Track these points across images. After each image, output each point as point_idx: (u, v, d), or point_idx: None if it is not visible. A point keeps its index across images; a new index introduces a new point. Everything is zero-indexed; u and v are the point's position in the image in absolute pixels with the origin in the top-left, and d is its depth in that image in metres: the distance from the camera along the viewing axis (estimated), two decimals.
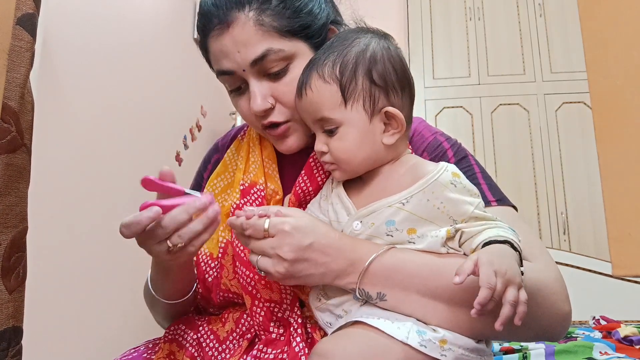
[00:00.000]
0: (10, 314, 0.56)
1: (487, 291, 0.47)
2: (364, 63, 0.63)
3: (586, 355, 1.29)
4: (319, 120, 0.65)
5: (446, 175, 0.59)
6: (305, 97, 0.65)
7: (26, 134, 0.57)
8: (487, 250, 0.53)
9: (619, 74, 0.40)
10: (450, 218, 0.59)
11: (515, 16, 3.01)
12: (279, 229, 0.57)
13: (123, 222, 0.57)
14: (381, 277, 0.58)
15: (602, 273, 2.34)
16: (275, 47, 0.68)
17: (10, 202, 0.56)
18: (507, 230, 0.57)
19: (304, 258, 0.57)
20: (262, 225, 0.58)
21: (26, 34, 0.57)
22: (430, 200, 0.58)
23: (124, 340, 1.50)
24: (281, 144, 0.74)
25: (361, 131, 0.63)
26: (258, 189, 0.75)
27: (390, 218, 0.59)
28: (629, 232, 0.39)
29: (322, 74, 0.64)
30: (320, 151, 0.66)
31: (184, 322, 0.74)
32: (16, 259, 0.57)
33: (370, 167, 0.66)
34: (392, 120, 0.64)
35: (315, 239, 0.58)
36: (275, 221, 0.58)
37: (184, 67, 2.40)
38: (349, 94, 0.63)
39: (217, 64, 0.73)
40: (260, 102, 0.69)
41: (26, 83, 0.56)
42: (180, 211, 0.58)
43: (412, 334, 0.53)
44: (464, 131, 2.91)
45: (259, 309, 0.68)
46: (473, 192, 0.60)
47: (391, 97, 0.64)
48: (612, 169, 0.40)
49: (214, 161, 0.88)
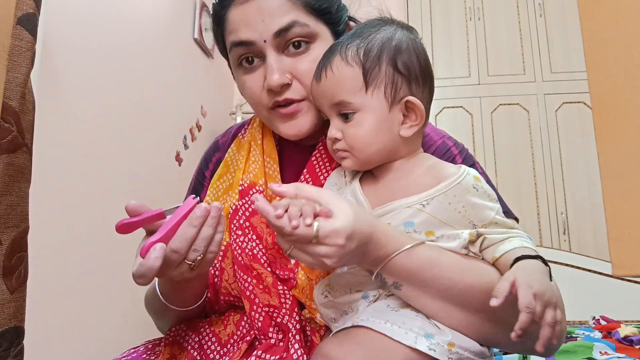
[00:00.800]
0: (11, 314, 0.56)
1: (528, 316, 0.46)
2: (389, 50, 0.62)
3: (586, 355, 1.29)
4: (336, 104, 0.62)
5: (469, 179, 0.58)
6: (325, 79, 0.63)
7: (27, 133, 0.57)
8: (521, 268, 0.51)
9: (619, 74, 0.40)
10: (470, 222, 0.58)
11: (515, 16, 3.01)
12: (333, 242, 0.50)
13: (135, 273, 0.53)
14: (404, 271, 0.56)
15: (602, 273, 2.34)
16: (301, 20, 0.67)
17: (11, 202, 0.56)
18: (527, 240, 0.57)
19: (345, 259, 0.53)
20: (311, 233, 0.50)
21: (27, 34, 0.57)
22: (451, 203, 0.57)
23: (124, 339, 1.50)
24: (289, 127, 0.71)
25: (379, 119, 0.61)
26: (257, 190, 0.73)
27: (409, 219, 0.58)
28: (629, 232, 0.39)
29: (345, 57, 0.62)
30: (333, 137, 0.63)
31: (185, 324, 0.73)
32: (17, 258, 0.57)
33: (384, 159, 0.63)
34: (412, 112, 0.62)
35: (359, 242, 0.52)
36: (327, 231, 0.50)
37: (184, 67, 2.40)
38: (371, 79, 0.61)
39: (234, 34, 0.69)
40: (278, 76, 0.67)
41: (27, 83, 0.56)
42: (186, 228, 0.55)
43: (419, 338, 0.52)
44: (464, 131, 2.91)
45: (257, 313, 0.67)
46: (493, 197, 0.59)
47: (413, 87, 0.62)
48: (612, 169, 0.40)
49: (215, 160, 0.85)
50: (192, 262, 0.56)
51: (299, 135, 0.71)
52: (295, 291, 0.69)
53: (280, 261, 0.71)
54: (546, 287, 0.48)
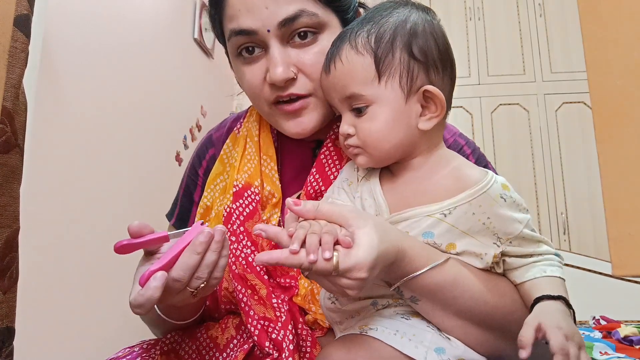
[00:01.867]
0: (3, 315, 0.56)
1: (564, 358, 0.44)
2: (403, 34, 0.55)
3: None
4: (347, 97, 0.57)
5: (496, 188, 0.52)
6: (334, 71, 0.57)
7: (20, 134, 0.57)
8: (544, 311, 0.49)
9: (619, 74, 0.40)
10: (495, 235, 0.53)
11: (515, 16, 3.01)
12: (355, 277, 0.45)
13: (133, 302, 0.50)
14: (424, 289, 0.52)
15: (602, 273, 2.34)
16: (309, 9, 0.61)
17: (3, 203, 0.56)
18: (552, 264, 0.54)
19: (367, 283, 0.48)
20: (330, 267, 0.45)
21: (21, 35, 0.56)
22: (476, 214, 0.52)
23: (117, 341, 1.50)
24: (293, 125, 0.65)
25: (395, 111, 0.55)
26: (252, 192, 0.68)
27: (429, 230, 0.53)
28: (629, 232, 0.38)
29: (354, 45, 0.56)
30: (345, 134, 0.57)
31: (181, 330, 0.69)
32: (9, 259, 0.57)
33: (401, 155, 0.57)
34: (431, 103, 0.55)
35: (382, 266, 0.48)
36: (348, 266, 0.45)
37: (184, 67, 2.40)
38: (384, 68, 0.54)
39: (234, 21, 0.62)
40: (282, 70, 0.61)
41: (20, 84, 0.56)
42: (189, 255, 0.51)
43: (430, 353, 0.50)
44: (464, 131, 2.86)
45: (253, 327, 0.63)
46: (522, 206, 0.54)
47: (431, 75, 0.55)
48: (612, 169, 0.40)
49: (209, 157, 0.78)
50: (194, 290, 0.53)
51: (303, 134, 0.65)
52: (298, 299, 0.66)
53: (281, 268, 0.68)
54: (574, 328, 0.46)
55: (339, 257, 0.45)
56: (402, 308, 0.56)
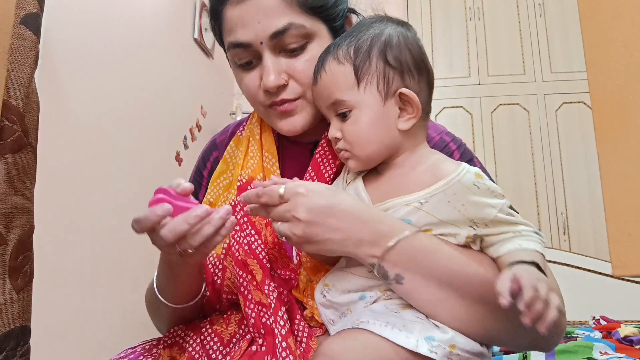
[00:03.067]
0: (17, 314, 0.56)
1: (533, 291, 0.46)
2: (379, 45, 0.62)
3: (586, 355, 1.29)
4: (332, 104, 0.63)
5: (469, 177, 0.56)
6: (320, 81, 0.64)
7: (31, 133, 0.57)
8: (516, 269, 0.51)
9: (619, 74, 0.41)
10: (471, 221, 0.57)
11: (515, 16, 3.01)
12: (294, 192, 0.56)
13: (135, 217, 0.56)
14: (406, 258, 0.56)
15: (602, 273, 2.34)
16: (297, 21, 0.66)
17: (16, 202, 0.56)
18: (529, 239, 0.56)
19: (320, 220, 0.56)
20: (277, 190, 0.57)
21: (30, 34, 0.57)
22: (451, 202, 0.56)
23: (128, 339, 1.50)
24: (285, 123, 0.71)
25: (375, 114, 0.61)
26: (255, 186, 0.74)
27: (407, 217, 0.58)
28: (629, 232, 0.39)
29: (336, 56, 0.63)
30: (334, 137, 0.64)
31: (185, 325, 0.71)
32: (23, 258, 0.57)
33: (386, 155, 0.63)
34: (408, 105, 0.62)
35: (333, 203, 0.56)
36: (290, 185, 0.57)
37: (184, 67, 2.40)
38: (362, 75, 0.61)
39: (231, 34, 0.69)
40: (274, 78, 0.67)
41: (31, 82, 0.56)
42: (180, 222, 0.55)
43: (420, 341, 0.52)
44: (464, 131, 2.91)
45: (250, 309, 0.66)
46: (497, 192, 0.57)
47: (406, 79, 0.62)
48: (612, 169, 0.40)
49: (213, 159, 0.85)
50: (182, 251, 0.57)
51: (294, 131, 0.71)
52: (297, 292, 0.69)
53: (282, 261, 0.70)
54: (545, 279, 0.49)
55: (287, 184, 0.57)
56: (391, 302, 0.59)
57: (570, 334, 1.64)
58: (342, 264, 0.64)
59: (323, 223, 0.56)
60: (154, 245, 0.59)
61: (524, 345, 0.63)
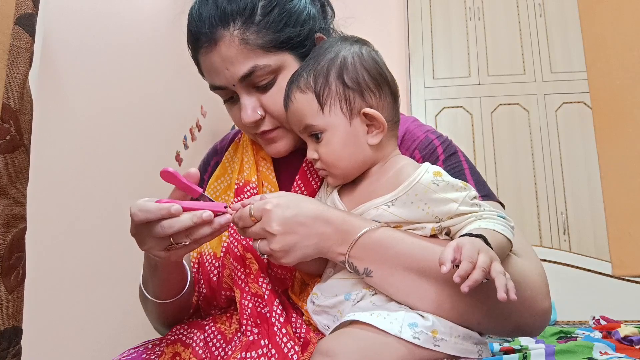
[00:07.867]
0: (10, 314, 0.56)
1: (468, 264, 0.48)
2: (335, 69, 0.66)
3: (586, 355, 1.28)
4: (304, 128, 0.68)
5: (427, 177, 0.60)
6: (289, 109, 0.69)
7: (25, 133, 0.57)
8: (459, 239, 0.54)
9: (619, 74, 0.40)
10: (435, 217, 0.60)
11: (515, 16, 3.01)
12: (262, 209, 0.60)
13: (142, 205, 0.59)
14: (370, 252, 0.60)
15: (602, 273, 2.34)
16: (261, 63, 0.70)
17: (9, 202, 0.56)
18: (491, 221, 0.58)
19: (291, 230, 0.59)
20: (247, 212, 0.61)
21: (25, 34, 0.57)
22: (414, 202, 0.60)
23: (124, 340, 1.50)
24: (271, 148, 0.77)
25: (344, 134, 0.65)
26: (251, 187, 0.77)
27: (377, 219, 0.62)
28: (629, 232, 0.39)
29: (299, 86, 0.67)
30: (312, 158, 0.69)
31: (187, 323, 0.74)
32: (16, 259, 0.57)
33: (360, 169, 0.68)
34: (374, 120, 0.65)
35: (298, 211, 0.60)
36: (257, 205, 0.61)
37: (184, 67, 2.40)
38: (325, 100, 0.65)
39: (208, 78, 0.76)
40: (250, 114, 0.72)
41: (25, 83, 0.56)
42: (187, 219, 0.59)
43: (404, 327, 0.54)
44: (464, 131, 2.91)
45: (246, 300, 0.69)
46: (457, 186, 0.60)
47: (367, 98, 0.66)
48: (612, 169, 0.40)
49: (213, 164, 0.90)
50: (175, 243, 0.60)
51: (280, 155, 0.78)
52: (292, 294, 0.72)
53: None
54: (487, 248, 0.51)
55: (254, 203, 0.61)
56: (376, 297, 0.62)
57: (570, 334, 1.64)
58: (329, 273, 0.67)
59: (296, 231, 0.59)
60: (135, 237, 0.62)
61: (509, 330, 0.63)
